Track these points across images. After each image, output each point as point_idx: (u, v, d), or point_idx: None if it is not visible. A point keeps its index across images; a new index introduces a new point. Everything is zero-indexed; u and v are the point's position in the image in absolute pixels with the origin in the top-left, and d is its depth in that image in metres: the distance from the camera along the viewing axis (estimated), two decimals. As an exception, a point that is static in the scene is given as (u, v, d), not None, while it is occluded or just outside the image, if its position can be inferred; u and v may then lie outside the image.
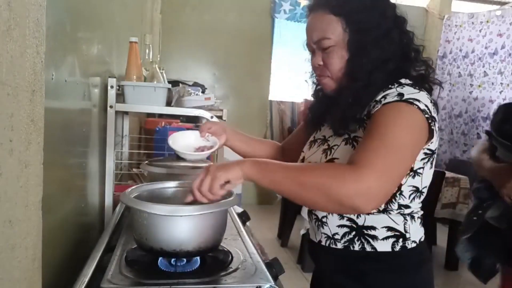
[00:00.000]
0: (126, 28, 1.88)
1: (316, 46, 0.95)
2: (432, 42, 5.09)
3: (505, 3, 4.91)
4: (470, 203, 3.32)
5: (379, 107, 0.85)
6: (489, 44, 4.36)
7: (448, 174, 3.24)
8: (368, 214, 0.90)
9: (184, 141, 1.08)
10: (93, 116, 1.29)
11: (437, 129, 0.87)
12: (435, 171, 0.96)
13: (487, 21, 4.39)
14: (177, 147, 1.07)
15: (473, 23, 4.56)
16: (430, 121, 0.84)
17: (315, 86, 1.07)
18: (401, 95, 0.84)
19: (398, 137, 0.80)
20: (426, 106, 0.84)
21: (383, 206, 0.89)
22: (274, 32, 4.80)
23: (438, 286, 0.99)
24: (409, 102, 0.83)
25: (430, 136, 0.85)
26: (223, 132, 1.12)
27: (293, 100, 4.94)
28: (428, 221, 3.07)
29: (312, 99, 1.10)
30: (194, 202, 0.84)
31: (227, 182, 0.82)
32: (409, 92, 0.85)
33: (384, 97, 0.86)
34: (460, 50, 4.71)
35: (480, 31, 4.47)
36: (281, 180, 0.80)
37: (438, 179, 2.99)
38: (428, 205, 2.97)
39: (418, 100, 0.83)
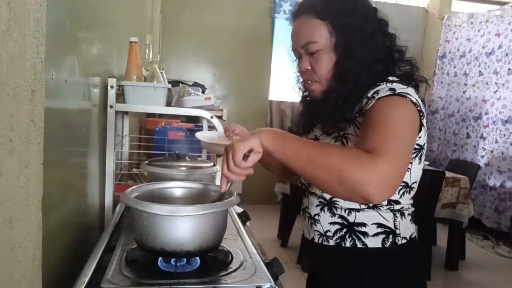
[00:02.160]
0: (126, 28, 1.88)
1: (303, 50, 0.96)
2: (432, 42, 5.10)
3: (505, 3, 4.91)
4: (470, 203, 3.32)
5: (373, 102, 0.87)
6: (486, 44, 4.36)
7: (448, 174, 3.23)
8: (358, 211, 0.92)
9: (209, 138, 1.12)
10: (93, 116, 1.29)
11: (425, 124, 0.89)
12: (435, 171, 0.97)
13: (486, 21, 4.38)
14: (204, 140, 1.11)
15: (472, 23, 4.56)
16: (420, 114, 0.86)
17: (302, 92, 1.09)
18: (393, 89, 0.87)
19: (402, 127, 0.81)
20: (416, 100, 0.86)
21: None
22: (274, 32, 4.80)
23: (438, 286, 1.00)
24: (402, 95, 0.85)
25: (419, 130, 0.87)
26: None
27: (293, 100, 4.93)
28: (428, 221, 3.07)
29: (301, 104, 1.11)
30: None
31: (250, 152, 0.81)
32: (399, 87, 0.88)
33: (376, 92, 0.88)
34: (458, 50, 4.70)
35: (478, 31, 4.47)
36: (296, 155, 0.79)
37: (438, 179, 2.98)
38: (428, 205, 2.96)
39: (409, 94, 0.86)
